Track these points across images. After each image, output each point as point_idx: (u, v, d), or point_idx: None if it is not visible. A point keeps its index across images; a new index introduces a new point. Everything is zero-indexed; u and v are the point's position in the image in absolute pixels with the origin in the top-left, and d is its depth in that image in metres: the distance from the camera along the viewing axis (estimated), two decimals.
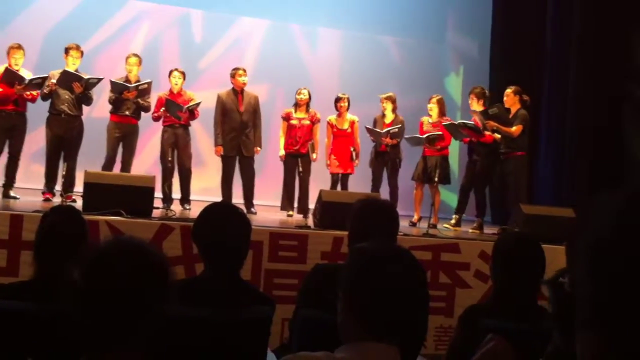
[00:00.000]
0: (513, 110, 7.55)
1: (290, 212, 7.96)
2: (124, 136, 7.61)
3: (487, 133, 7.51)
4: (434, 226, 7.46)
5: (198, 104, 7.63)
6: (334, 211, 5.90)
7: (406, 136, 8.12)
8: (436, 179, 7.80)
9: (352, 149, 8.16)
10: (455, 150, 9.50)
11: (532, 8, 9.99)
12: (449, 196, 9.38)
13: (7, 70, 7.05)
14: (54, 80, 7.18)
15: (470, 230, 7.58)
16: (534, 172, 9.38)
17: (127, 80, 7.61)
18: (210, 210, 2.76)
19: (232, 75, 7.91)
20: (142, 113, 7.70)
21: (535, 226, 6.10)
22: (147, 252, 1.54)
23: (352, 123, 8.23)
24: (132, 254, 1.51)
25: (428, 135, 7.92)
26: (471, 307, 2.89)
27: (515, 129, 7.40)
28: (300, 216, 7.58)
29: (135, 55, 7.78)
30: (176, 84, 7.78)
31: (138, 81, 7.61)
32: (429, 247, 5.89)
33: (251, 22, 10.20)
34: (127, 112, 7.57)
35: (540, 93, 9.52)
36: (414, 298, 1.62)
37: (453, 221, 7.82)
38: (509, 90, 7.65)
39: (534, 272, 2.64)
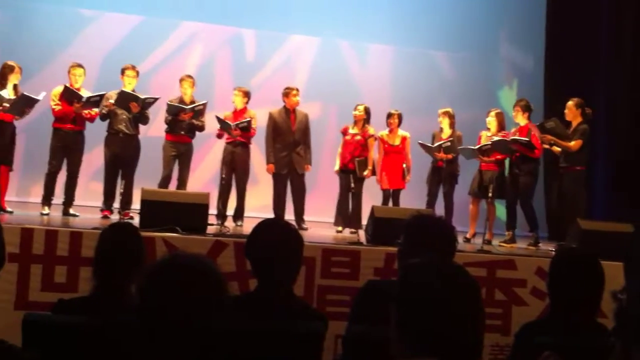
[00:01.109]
0: (574, 124, 7.40)
1: (340, 228, 7.96)
2: (179, 154, 7.76)
3: (541, 148, 7.41)
4: (489, 242, 7.35)
5: (248, 122, 7.72)
6: (387, 227, 5.87)
7: (459, 134, 8.05)
8: (491, 194, 7.69)
9: (403, 165, 8.12)
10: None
11: (586, 19, 9.82)
12: (504, 212, 9.23)
13: (66, 88, 7.27)
14: (112, 101, 7.38)
15: (526, 246, 7.44)
16: (591, 186, 9.16)
17: (182, 101, 7.77)
18: (263, 226, 2.79)
19: (286, 95, 7.99)
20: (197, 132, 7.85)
21: (593, 242, 5.94)
22: (203, 267, 1.56)
23: (403, 139, 8.20)
24: (188, 269, 1.54)
25: (481, 146, 7.81)
26: (527, 324, 2.84)
27: (574, 144, 7.25)
28: (352, 232, 7.57)
29: (189, 76, 7.95)
30: (234, 102, 7.90)
31: (192, 102, 7.76)
32: (483, 264, 5.80)
33: (302, 40, 10.29)
34: (182, 132, 7.72)
35: (595, 106, 9.31)
36: (468, 315, 1.60)
37: (507, 237, 7.70)
38: (570, 103, 7.49)
39: (591, 289, 2.58)
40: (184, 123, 7.70)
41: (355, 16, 10.09)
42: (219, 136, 7.94)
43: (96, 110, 7.43)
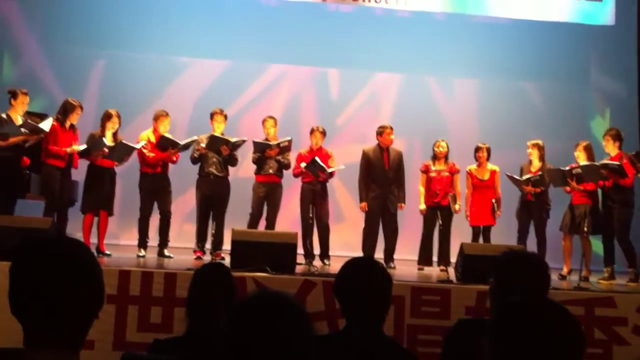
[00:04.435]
0: None
1: (424, 267, 7.85)
2: (268, 194, 7.89)
3: (633, 175, 7.12)
4: (586, 279, 7.07)
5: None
6: (477, 264, 5.75)
7: (549, 167, 7.81)
8: (585, 229, 7.39)
9: (493, 201, 7.95)
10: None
11: None
12: (601, 247, 8.87)
13: (162, 137, 7.57)
14: (203, 145, 7.62)
15: (626, 283, 7.10)
16: None
17: (267, 140, 7.93)
18: (351, 265, 2.78)
19: (380, 133, 8.03)
20: (284, 170, 7.98)
21: None
22: (288, 305, 1.56)
23: (492, 173, 8.05)
24: (274, 308, 1.55)
25: (571, 169, 7.54)
26: None
27: None
28: (439, 270, 7.46)
29: (271, 117, 8.13)
30: (316, 143, 8.01)
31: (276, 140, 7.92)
32: (581, 302, 5.58)
33: (386, 77, 10.35)
34: (270, 171, 7.86)
35: None
36: (568, 356, 1.54)
37: (606, 274, 7.37)
38: None
39: None
40: (271, 161, 7.84)
41: (439, 51, 10.08)
42: (296, 174, 8.03)
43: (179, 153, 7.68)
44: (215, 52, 9.93)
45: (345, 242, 8.54)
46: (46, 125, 7.16)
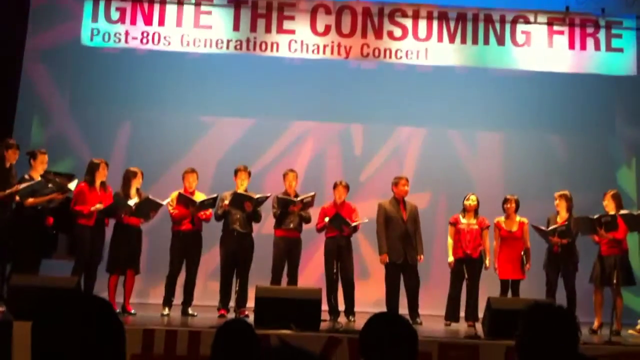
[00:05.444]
0: None
1: (450, 322, 7.71)
2: (289, 250, 7.86)
3: None
4: (618, 333, 6.90)
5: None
6: (505, 320, 5.63)
7: (576, 216, 7.69)
8: (615, 281, 7.24)
9: (522, 253, 7.84)
10: (635, 247, 8.86)
11: None
12: (633, 299, 8.68)
13: (180, 194, 7.66)
14: (226, 202, 7.67)
15: None
16: None
17: (287, 194, 7.96)
18: (375, 321, 2.74)
19: (395, 184, 8.04)
20: (304, 225, 7.97)
21: None
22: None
23: (521, 224, 7.96)
24: None
25: (600, 216, 7.41)
26: None
27: None
28: (467, 325, 7.33)
29: (292, 170, 8.19)
30: (340, 197, 8.02)
31: (296, 195, 7.93)
32: (613, 357, 5.44)
33: (409, 131, 10.38)
34: (291, 225, 7.86)
35: None
36: None
37: (638, 327, 7.18)
38: None
39: None
40: (292, 216, 7.85)
41: (461, 105, 10.11)
42: (320, 229, 8.01)
43: (211, 210, 7.74)
44: (239, 111, 10.08)
45: (371, 298, 8.45)
46: (73, 184, 7.29)
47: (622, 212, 7.38)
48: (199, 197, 7.74)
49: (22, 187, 7.07)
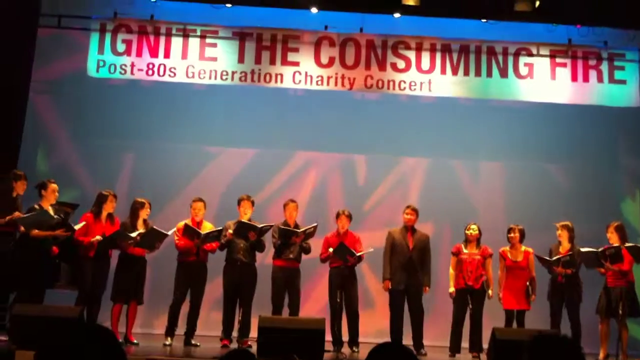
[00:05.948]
0: None
1: (454, 354, 7.65)
2: (288, 280, 7.82)
3: None
4: None
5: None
6: (510, 350, 5.61)
7: (579, 249, 7.67)
8: (621, 312, 7.19)
9: (528, 284, 7.80)
10: None
11: None
12: (639, 331, 8.60)
13: (186, 226, 7.68)
14: (230, 231, 7.68)
15: None
16: None
17: (286, 224, 7.96)
18: (378, 352, 2.72)
19: (403, 212, 8.09)
20: (304, 255, 7.96)
21: None
22: None
23: (526, 254, 7.95)
24: None
25: (604, 250, 7.39)
26: None
27: None
28: (471, 356, 7.27)
29: (293, 201, 8.20)
30: (343, 226, 8.02)
31: (296, 225, 7.93)
32: None
33: (412, 162, 10.40)
34: (291, 256, 7.85)
35: None
36: None
37: None
38: None
39: None
40: (292, 246, 7.84)
41: (464, 135, 10.15)
42: (324, 259, 8.00)
43: (217, 242, 7.74)
44: (242, 141, 10.12)
45: (375, 329, 8.40)
46: (78, 226, 7.31)
47: (628, 244, 7.37)
48: (207, 226, 7.77)
49: (24, 216, 7.08)
